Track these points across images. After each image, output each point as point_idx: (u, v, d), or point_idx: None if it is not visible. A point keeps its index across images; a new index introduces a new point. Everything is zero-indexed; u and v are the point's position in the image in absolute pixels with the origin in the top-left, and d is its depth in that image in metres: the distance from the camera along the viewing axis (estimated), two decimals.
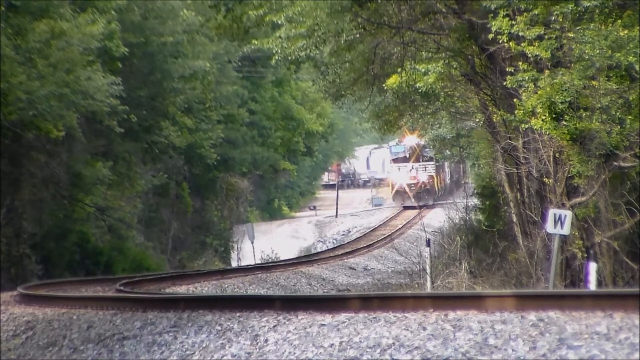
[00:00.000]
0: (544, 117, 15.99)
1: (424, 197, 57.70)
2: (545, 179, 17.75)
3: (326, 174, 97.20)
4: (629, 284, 16.64)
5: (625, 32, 15.26)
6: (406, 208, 56.80)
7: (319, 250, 47.28)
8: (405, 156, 58.95)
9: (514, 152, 19.36)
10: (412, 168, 58.66)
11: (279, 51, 20.80)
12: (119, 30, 31.43)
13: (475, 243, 25.80)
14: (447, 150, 42.26)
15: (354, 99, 29.36)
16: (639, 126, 15.69)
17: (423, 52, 21.99)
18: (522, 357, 9.20)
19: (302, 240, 59.32)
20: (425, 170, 58.58)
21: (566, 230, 15.26)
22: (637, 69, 15.43)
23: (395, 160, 59.93)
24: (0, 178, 28.38)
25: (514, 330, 9.88)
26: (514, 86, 16.79)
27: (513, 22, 16.43)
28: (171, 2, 36.89)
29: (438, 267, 22.61)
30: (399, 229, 46.50)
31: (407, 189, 58.43)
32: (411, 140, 55.09)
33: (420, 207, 53.57)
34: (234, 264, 46.24)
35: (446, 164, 63.28)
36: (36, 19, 27.03)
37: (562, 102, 15.82)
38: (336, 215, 68.38)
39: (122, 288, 19.51)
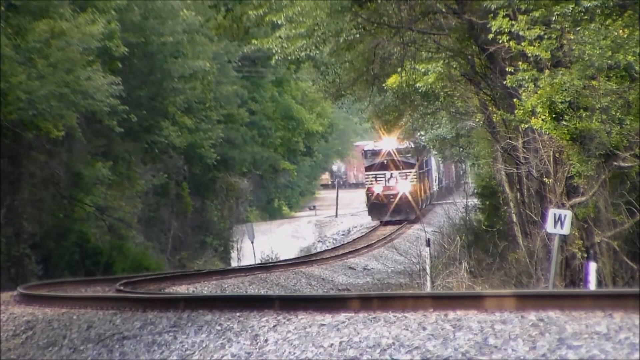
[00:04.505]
0: (544, 117, 16.00)
1: (405, 210, 49.43)
2: (545, 179, 17.75)
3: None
4: (629, 284, 16.64)
5: (626, 31, 15.27)
6: (384, 224, 49.53)
7: (318, 250, 47.26)
8: (383, 162, 49.87)
9: (513, 152, 19.37)
10: (391, 177, 49.93)
11: (279, 51, 20.82)
12: (119, 30, 31.44)
13: (475, 243, 25.81)
14: (431, 151, 41.26)
15: (354, 98, 29.41)
16: (638, 126, 15.69)
17: (423, 52, 22.01)
18: (522, 357, 9.20)
19: (302, 240, 59.32)
20: (407, 178, 49.81)
21: (566, 230, 15.26)
22: (637, 69, 15.43)
23: (371, 168, 50.71)
24: (0, 178, 28.38)
25: (513, 330, 9.88)
26: (514, 85, 16.80)
27: (513, 22, 16.44)
28: (171, 2, 36.91)
29: (438, 267, 22.62)
30: (399, 228, 46.47)
31: (385, 202, 49.94)
32: (390, 143, 47.73)
33: (400, 222, 48.34)
34: (234, 264, 46.27)
35: (433, 168, 57.90)
36: (36, 19, 27.04)
37: (562, 102, 15.83)
38: (336, 215, 68.43)
39: (122, 288, 19.51)
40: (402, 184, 49.55)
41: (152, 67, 35.62)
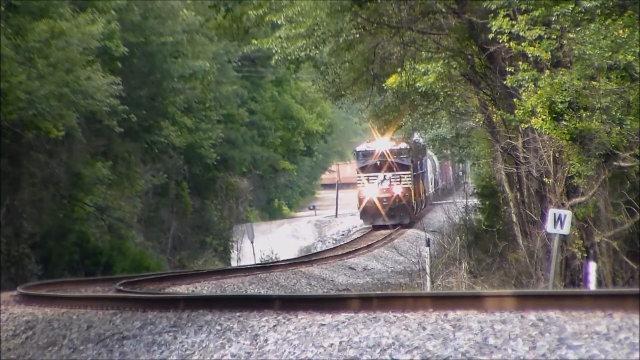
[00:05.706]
0: (544, 117, 16.01)
1: (398, 214, 47.39)
2: (545, 179, 17.76)
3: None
4: (629, 283, 16.65)
5: (626, 31, 15.27)
6: (377, 228, 47.59)
7: (318, 250, 47.21)
8: (376, 164, 47.55)
9: (513, 152, 19.39)
10: (384, 179, 47.63)
11: (279, 51, 20.84)
12: (119, 30, 31.46)
13: (475, 243, 25.83)
14: (428, 151, 40.70)
15: (353, 98, 29.40)
16: (638, 126, 15.70)
17: (423, 52, 22.02)
18: (522, 357, 9.20)
19: (302, 240, 59.34)
20: (401, 181, 47.50)
21: (566, 230, 15.26)
22: (637, 69, 15.44)
23: (364, 169, 48.25)
24: (0, 178, 28.38)
25: (513, 330, 9.88)
26: (514, 85, 16.81)
27: (513, 22, 16.46)
28: (171, 2, 36.95)
29: (438, 267, 22.62)
30: (399, 228, 46.45)
31: (378, 205, 47.58)
32: (383, 144, 46.14)
33: (394, 226, 46.60)
34: (233, 263, 46.27)
35: (429, 170, 56.28)
36: (36, 19, 27.05)
37: (562, 102, 15.84)
38: (336, 215, 68.45)
39: (121, 288, 19.51)
40: (396, 187, 47.63)
41: (152, 67, 35.66)
